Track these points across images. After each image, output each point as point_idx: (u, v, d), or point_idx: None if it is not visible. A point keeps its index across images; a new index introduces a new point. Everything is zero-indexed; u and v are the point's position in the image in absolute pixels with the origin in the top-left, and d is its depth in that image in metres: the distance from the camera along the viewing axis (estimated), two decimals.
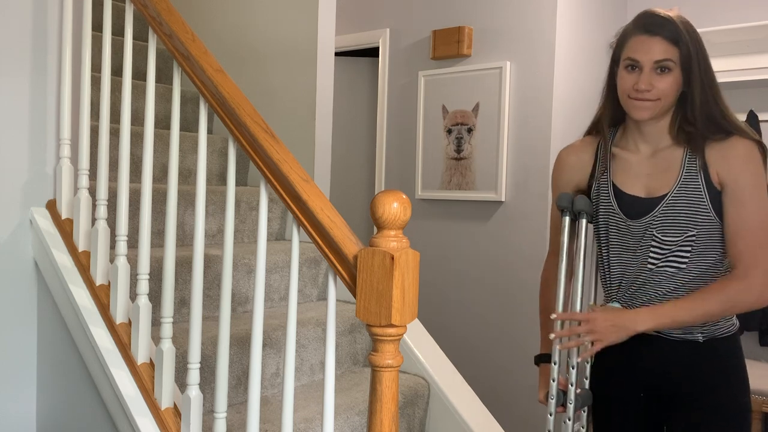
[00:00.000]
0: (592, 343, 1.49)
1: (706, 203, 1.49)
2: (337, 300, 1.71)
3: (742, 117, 3.64)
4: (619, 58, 1.56)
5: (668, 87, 1.49)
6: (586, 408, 1.73)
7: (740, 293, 1.44)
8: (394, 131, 4.07)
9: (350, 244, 1.27)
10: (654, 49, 1.47)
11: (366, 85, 4.56)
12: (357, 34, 4.22)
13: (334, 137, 2.97)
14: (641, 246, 1.56)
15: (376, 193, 1.22)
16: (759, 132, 3.58)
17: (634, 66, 1.50)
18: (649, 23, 1.50)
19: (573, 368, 1.67)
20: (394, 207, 1.16)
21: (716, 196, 1.49)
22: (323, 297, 2.60)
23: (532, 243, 3.46)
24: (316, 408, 1.96)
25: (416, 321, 2.43)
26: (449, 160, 3.77)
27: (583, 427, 1.75)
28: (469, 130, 3.69)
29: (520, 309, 3.51)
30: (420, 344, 2.37)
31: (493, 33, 3.62)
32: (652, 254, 1.55)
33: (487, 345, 3.65)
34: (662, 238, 1.54)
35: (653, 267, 1.55)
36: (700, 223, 1.50)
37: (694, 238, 1.51)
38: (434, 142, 3.85)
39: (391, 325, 1.18)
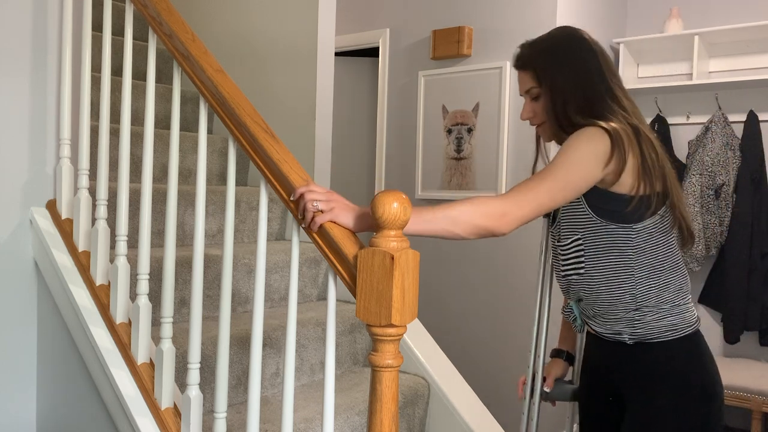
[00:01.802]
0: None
1: (583, 204, 1.48)
2: (337, 300, 1.71)
3: (741, 117, 3.64)
4: None
5: (543, 109, 1.54)
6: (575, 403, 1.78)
7: (485, 206, 1.32)
8: (394, 131, 4.07)
9: (350, 244, 1.27)
10: (520, 82, 1.58)
11: (366, 85, 4.56)
12: (357, 34, 4.22)
13: (334, 137, 2.97)
14: (553, 251, 1.63)
15: (376, 193, 1.22)
16: (759, 133, 3.58)
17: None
18: (515, 58, 1.59)
19: (539, 357, 1.76)
20: (394, 207, 1.16)
21: (589, 195, 1.47)
22: (323, 297, 2.60)
23: (532, 243, 3.45)
24: (316, 408, 1.96)
25: (416, 321, 2.43)
26: (449, 160, 3.77)
27: (576, 424, 1.79)
28: (469, 130, 3.69)
29: (519, 308, 3.51)
30: (420, 344, 2.37)
31: (493, 33, 3.62)
32: (558, 259, 1.59)
33: (487, 345, 3.65)
34: (557, 243, 1.57)
35: (561, 272, 1.58)
36: (582, 227, 1.49)
37: (581, 242, 1.50)
38: (434, 142, 3.85)
39: (391, 325, 1.18)
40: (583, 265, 1.52)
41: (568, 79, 1.49)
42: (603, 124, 1.42)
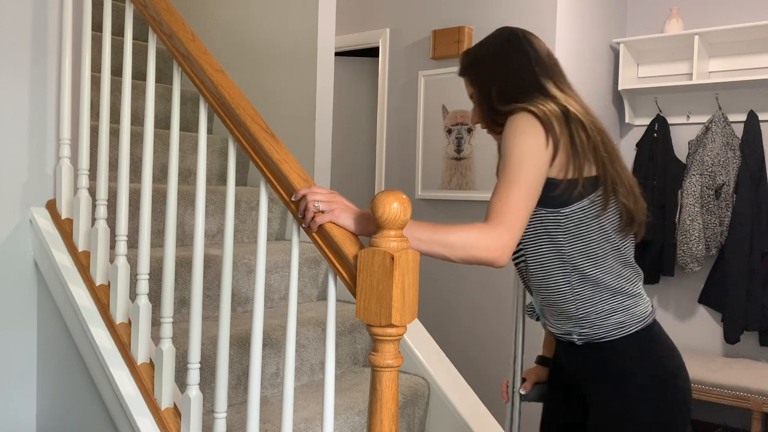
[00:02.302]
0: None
1: None
2: (337, 300, 1.71)
3: (741, 117, 3.64)
4: None
5: (476, 114, 1.56)
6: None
7: (484, 238, 1.30)
8: (394, 131, 4.07)
9: (350, 244, 1.27)
10: (466, 89, 1.59)
11: (366, 85, 4.56)
12: (357, 34, 4.22)
13: (334, 137, 2.97)
14: None
15: (376, 193, 1.23)
16: (759, 133, 3.59)
17: None
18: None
19: (517, 359, 1.77)
20: (394, 207, 1.16)
21: None
22: (323, 297, 2.60)
23: None
24: (316, 408, 1.96)
25: (416, 321, 2.43)
26: (449, 160, 3.77)
27: None
28: (469, 130, 3.69)
29: None
30: (420, 344, 2.37)
31: None
32: None
33: (487, 345, 3.65)
34: None
35: (514, 261, 1.56)
36: None
37: None
38: (434, 142, 3.85)
39: (391, 325, 1.18)
40: (523, 252, 1.50)
41: (493, 76, 1.51)
42: (530, 107, 1.40)
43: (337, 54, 4.22)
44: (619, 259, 1.46)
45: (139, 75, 2.77)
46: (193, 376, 1.61)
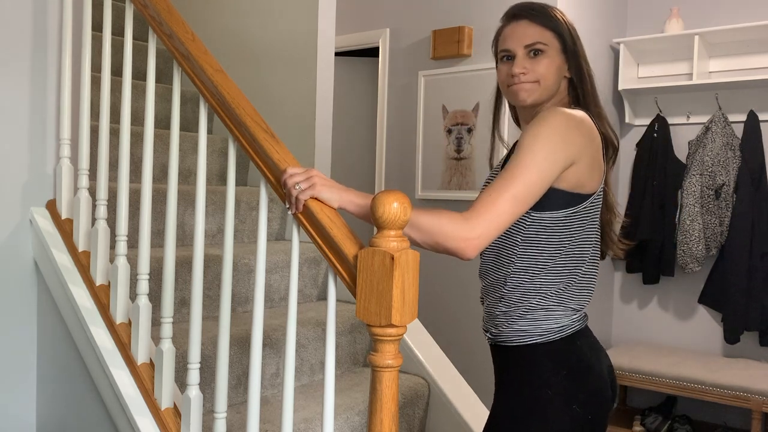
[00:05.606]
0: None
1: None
2: (337, 300, 1.71)
3: (741, 117, 3.64)
4: (497, 57, 1.52)
5: (544, 69, 1.41)
6: None
7: (453, 226, 1.23)
8: (394, 131, 4.07)
9: (350, 244, 1.27)
10: (520, 33, 1.44)
11: (366, 85, 4.56)
12: (357, 34, 4.22)
13: (334, 137, 2.97)
14: None
15: (376, 193, 1.22)
16: (759, 133, 3.58)
17: (509, 56, 1.46)
18: (514, 10, 1.47)
19: None
20: (394, 207, 1.16)
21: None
22: (323, 297, 2.59)
23: None
24: (316, 408, 1.96)
25: (416, 321, 2.43)
26: (449, 160, 3.77)
27: None
28: (469, 130, 3.69)
29: None
30: (420, 344, 2.37)
31: (493, 33, 3.61)
32: None
33: (486, 345, 3.65)
34: None
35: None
36: None
37: None
38: (434, 142, 3.85)
39: (391, 325, 1.18)
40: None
41: (579, 55, 1.44)
42: (580, 109, 1.38)
43: (337, 54, 4.22)
44: (563, 278, 1.38)
45: (139, 75, 2.77)
46: (193, 376, 1.61)
